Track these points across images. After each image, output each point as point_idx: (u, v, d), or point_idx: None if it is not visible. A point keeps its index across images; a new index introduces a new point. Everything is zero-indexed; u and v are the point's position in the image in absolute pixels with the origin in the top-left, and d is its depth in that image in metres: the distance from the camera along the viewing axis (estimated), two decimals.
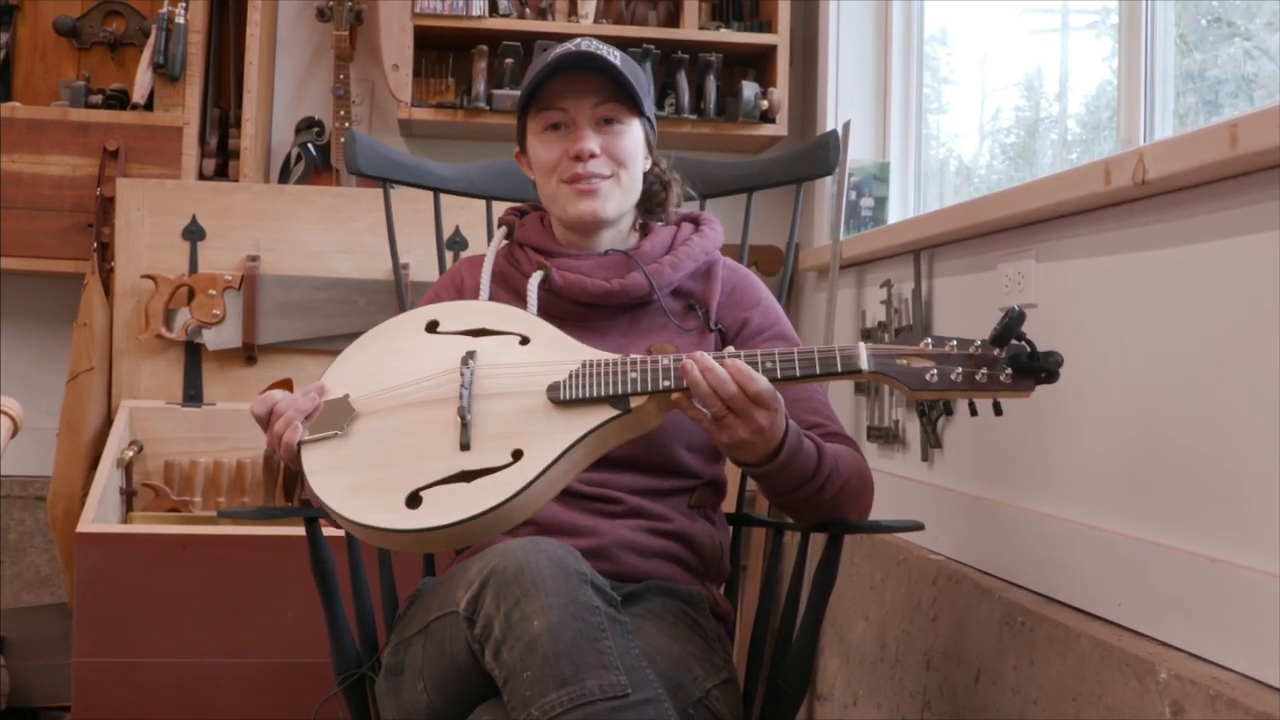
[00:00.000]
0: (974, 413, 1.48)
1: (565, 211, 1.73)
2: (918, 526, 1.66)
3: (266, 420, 1.56)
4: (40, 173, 3.05)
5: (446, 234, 2.42)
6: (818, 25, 3.36)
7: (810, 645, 1.69)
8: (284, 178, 3.31)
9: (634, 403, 1.46)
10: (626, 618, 1.40)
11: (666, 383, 1.46)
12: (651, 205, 1.83)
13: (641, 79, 1.74)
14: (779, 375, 1.45)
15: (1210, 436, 1.54)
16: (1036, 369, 1.39)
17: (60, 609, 3.13)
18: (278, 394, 1.58)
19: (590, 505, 1.66)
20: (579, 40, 1.71)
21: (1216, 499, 1.53)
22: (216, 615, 2.37)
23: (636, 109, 1.72)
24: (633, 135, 1.73)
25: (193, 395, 2.97)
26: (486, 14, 3.23)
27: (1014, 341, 1.41)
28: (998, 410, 1.44)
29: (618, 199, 1.73)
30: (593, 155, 1.69)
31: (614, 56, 1.70)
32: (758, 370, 1.44)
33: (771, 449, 1.49)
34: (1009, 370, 1.40)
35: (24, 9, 3.26)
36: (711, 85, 3.29)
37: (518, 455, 1.43)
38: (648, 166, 1.79)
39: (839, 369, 1.45)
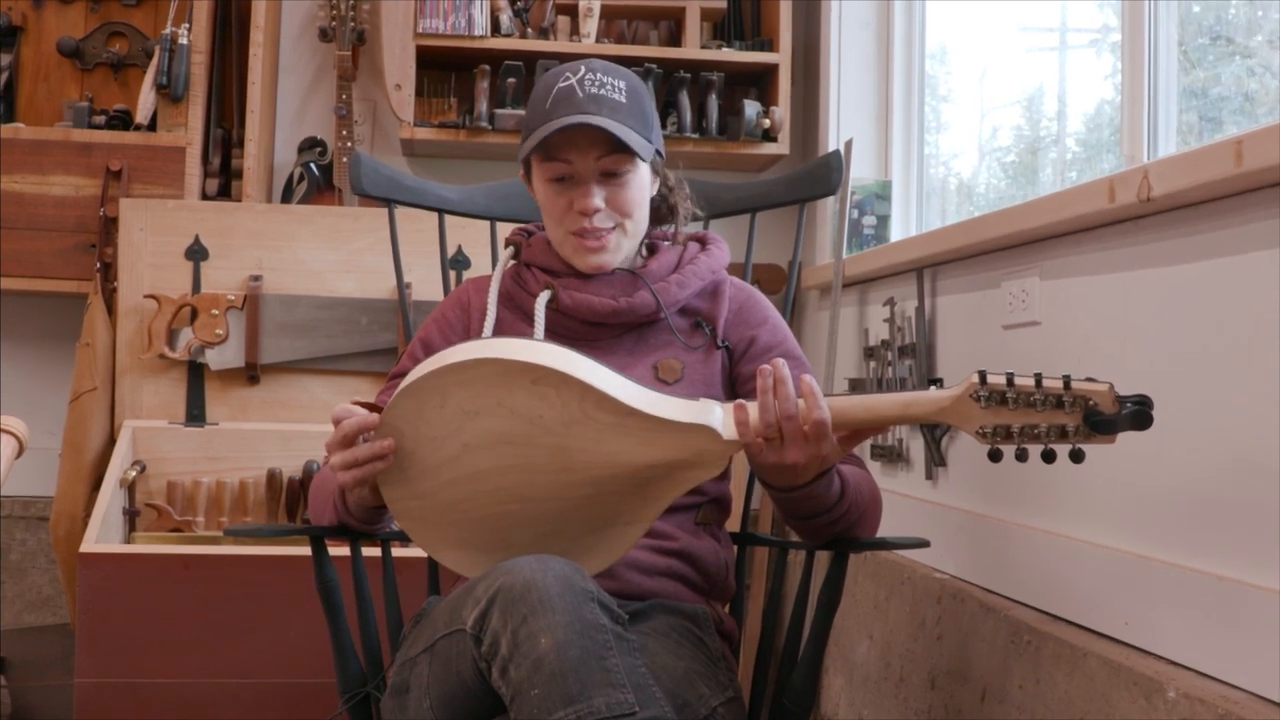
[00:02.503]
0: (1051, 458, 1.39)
1: (573, 261, 1.74)
2: (923, 543, 1.66)
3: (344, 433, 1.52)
4: (43, 193, 3.05)
5: (449, 254, 2.43)
6: (819, 44, 3.37)
7: (815, 664, 1.68)
8: (286, 197, 3.31)
9: (701, 398, 1.47)
10: (633, 635, 1.40)
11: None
12: (658, 221, 1.83)
13: (645, 106, 1.72)
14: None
15: (1216, 454, 1.54)
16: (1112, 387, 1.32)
17: (62, 629, 3.12)
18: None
19: None
20: (583, 72, 1.69)
21: (1223, 516, 1.52)
22: (219, 635, 2.37)
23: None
24: (636, 183, 1.71)
25: (195, 415, 2.97)
26: (488, 34, 3.25)
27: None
28: (1077, 428, 1.34)
29: (624, 247, 1.74)
30: (597, 210, 1.69)
31: (619, 92, 1.68)
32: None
33: (802, 479, 1.48)
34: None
35: (27, 30, 3.27)
36: (713, 104, 3.30)
37: None
38: (654, 191, 1.79)
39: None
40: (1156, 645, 1.61)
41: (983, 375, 1.36)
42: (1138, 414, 1.31)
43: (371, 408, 1.52)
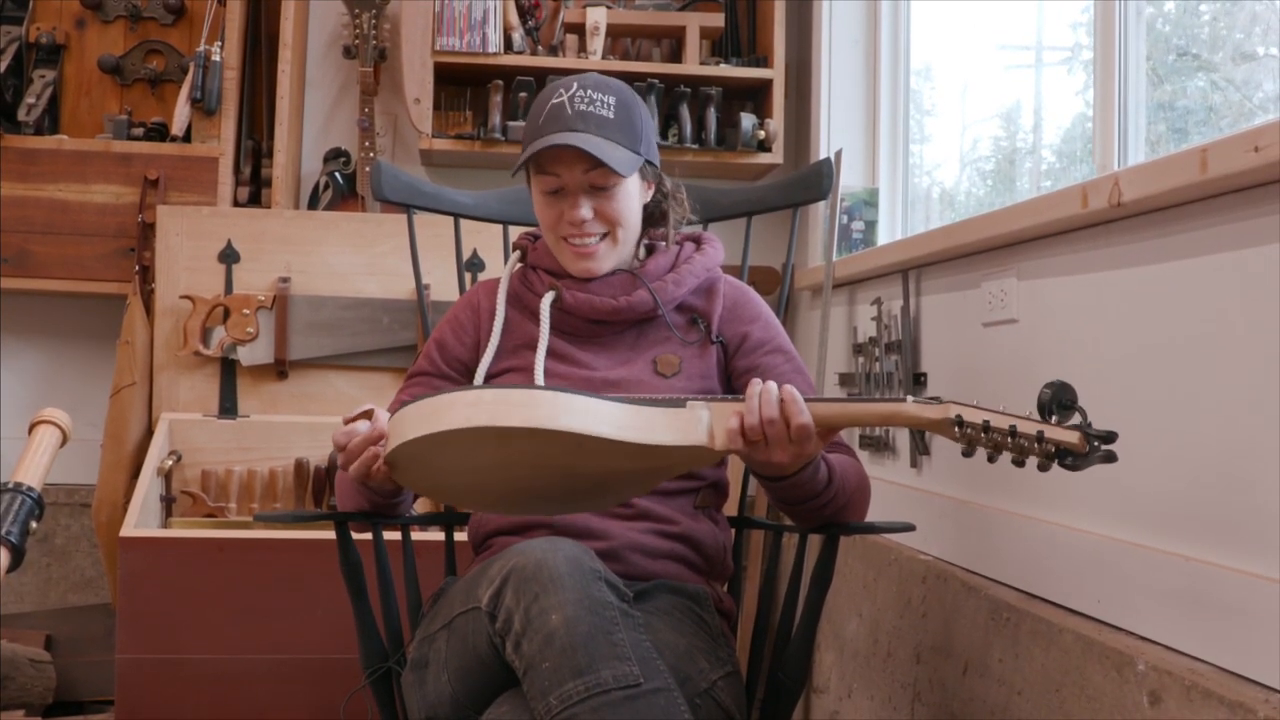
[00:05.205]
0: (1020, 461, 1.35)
1: (566, 266, 1.74)
2: (909, 528, 1.66)
3: (344, 448, 1.54)
4: (86, 201, 3.05)
5: (464, 256, 2.42)
6: (811, 60, 3.37)
7: (808, 640, 1.68)
8: (313, 204, 3.31)
9: (689, 402, 1.42)
10: (638, 612, 1.40)
11: (723, 398, 1.43)
12: (652, 225, 1.83)
13: (634, 119, 1.70)
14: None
15: (1184, 443, 1.54)
16: (1086, 428, 1.29)
17: (104, 609, 3.12)
18: (362, 425, 1.53)
19: None
20: (575, 89, 1.67)
21: (1190, 501, 1.52)
22: (250, 614, 2.37)
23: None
24: (623, 194, 1.70)
25: (228, 408, 2.97)
26: (501, 51, 3.24)
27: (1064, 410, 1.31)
28: (1046, 460, 1.30)
29: (613, 255, 1.73)
30: (585, 220, 1.68)
31: (607, 108, 1.67)
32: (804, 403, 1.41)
33: (789, 471, 1.48)
34: (1055, 418, 1.31)
35: (70, 48, 3.27)
36: (712, 117, 3.30)
37: None
38: (648, 198, 1.78)
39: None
40: (1127, 621, 1.61)
41: (959, 418, 1.32)
42: (1106, 455, 1.29)
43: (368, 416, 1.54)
